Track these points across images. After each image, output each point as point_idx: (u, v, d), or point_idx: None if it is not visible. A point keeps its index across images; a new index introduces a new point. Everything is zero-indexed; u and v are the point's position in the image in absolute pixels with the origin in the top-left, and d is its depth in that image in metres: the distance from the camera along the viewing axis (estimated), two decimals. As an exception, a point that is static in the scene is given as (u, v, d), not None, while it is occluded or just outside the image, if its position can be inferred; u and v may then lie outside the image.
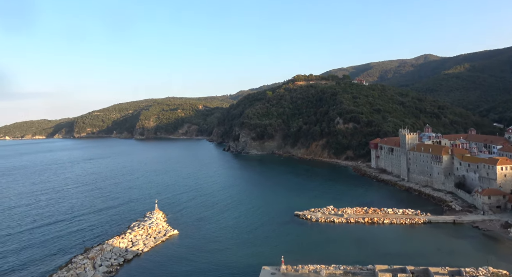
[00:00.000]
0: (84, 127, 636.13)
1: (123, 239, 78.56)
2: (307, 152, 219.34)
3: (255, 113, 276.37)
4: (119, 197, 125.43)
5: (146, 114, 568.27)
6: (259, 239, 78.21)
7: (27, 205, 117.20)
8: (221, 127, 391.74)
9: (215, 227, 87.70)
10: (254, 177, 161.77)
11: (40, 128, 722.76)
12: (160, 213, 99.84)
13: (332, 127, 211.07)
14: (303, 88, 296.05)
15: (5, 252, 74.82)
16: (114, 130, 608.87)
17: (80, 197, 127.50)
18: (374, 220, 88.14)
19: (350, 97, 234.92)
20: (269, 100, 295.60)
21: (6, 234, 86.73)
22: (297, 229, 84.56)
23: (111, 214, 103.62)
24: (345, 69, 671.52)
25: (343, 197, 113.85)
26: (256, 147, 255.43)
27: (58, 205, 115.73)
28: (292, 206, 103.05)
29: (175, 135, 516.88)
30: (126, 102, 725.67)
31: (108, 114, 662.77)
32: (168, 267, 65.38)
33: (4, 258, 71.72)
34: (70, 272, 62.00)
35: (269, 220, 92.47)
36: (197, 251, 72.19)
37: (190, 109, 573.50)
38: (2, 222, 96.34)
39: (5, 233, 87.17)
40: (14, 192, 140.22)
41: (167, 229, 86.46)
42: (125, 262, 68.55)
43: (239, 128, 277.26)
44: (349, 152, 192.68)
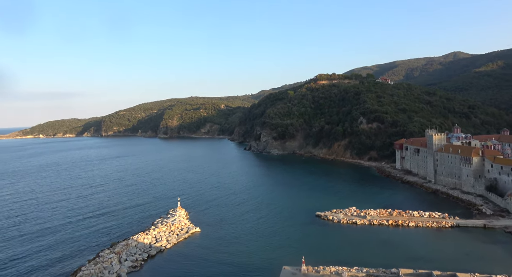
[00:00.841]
0: (111, 126, 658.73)
1: (147, 235, 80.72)
2: (329, 152, 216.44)
3: (276, 113, 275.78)
4: (143, 194, 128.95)
5: (169, 114, 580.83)
6: (279, 239, 78.05)
7: (60, 200, 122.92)
8: (242, 126, 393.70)
9: (236, 226, 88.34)
10: (275, 177, 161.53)
11: (71, 126, 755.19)
12: (182, 211, 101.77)
13: (355, 127, 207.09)
14: (325, 87, 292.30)
15: (40, 245, 78.93)
16: (139, 129, 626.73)
17: (108, 193, 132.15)
18: (398, 222, 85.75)
19: (374, 97, 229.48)
20: (291, 99, 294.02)
21: (40, 228, 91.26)
22: (318, 230, 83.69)
23: (136, 210, 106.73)
24: (369, 67, 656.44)
25: (366, 198, 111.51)
26: (277, 147, 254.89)
27: (88, 201, 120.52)
28: (313, 206, 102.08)
29: (198, 134, 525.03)
30: (150, 102, 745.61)
31: (134, 114, 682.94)
32: (190, 264, 66.54)
33: (38, 251, 75.68)
34: (98, 266, 64.39)
35: (290, 220, 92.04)
36: (218, 249, 73.02)
37: (212, 108, 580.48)
38: (37, 217, 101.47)
39: (39, 227, 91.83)
40: (47, 188, 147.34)
41: (189, 226, 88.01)
42: (149, 258, 70.42)
43: (260, 127, 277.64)
44: (372, 152, 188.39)
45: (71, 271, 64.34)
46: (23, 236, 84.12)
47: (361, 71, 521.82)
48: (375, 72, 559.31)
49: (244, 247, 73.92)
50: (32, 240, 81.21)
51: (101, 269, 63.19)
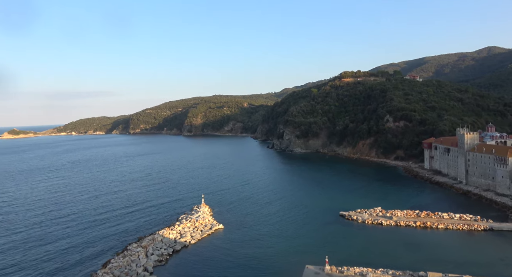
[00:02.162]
0: (138, 123, 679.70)
1: (172, 230, 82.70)
2: (354, 151, 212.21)
3: (299, 111, 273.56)
4: (169, 191, 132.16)
5: (194, 112, 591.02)
6: (303, 238, 77.57)
7: (91, 196, 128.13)
8: (265, 124, 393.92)
9: (259, 224, 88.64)
10: (298, 175, 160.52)
11: (100, 124, 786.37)
12: (206, 207, 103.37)
13: (381, 126, 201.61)
14: (350, 85, 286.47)
15: (73, 237, 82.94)
16: (165, 127, 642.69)
17: (135, 189, 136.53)
18: (427, 224, 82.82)
19: (402, 94, 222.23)
20: (314, 97, 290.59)
21: (73, 222, 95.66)
22: (342, 230, 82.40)
23: (161, 206, 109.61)
24: (396, 64, 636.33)
25: (392, 198, 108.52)
26: (300, 145, 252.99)
27: (117, 196, 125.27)
28: (337, 206, 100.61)
29: (221, 132, 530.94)
30: (175, 100, 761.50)
31: (160, 112, 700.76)
32: (213, 260, 67.51)
33: (72, 243, 79.43)
34: (126, 259, 66.78)
35: (314, 219, 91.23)
36: (241, 246, 73.62)
37: (236, 106, 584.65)
38: (71, 211, 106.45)
39: (72, 221, 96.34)
40: (80, 183, 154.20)
41: (212, 223, 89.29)
42: (174, 253, 72.15)
43: (283, 126, 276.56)
44: (399, 151, 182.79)
45: (101, 263, 67.08)
46: (57, 229, 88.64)
47: (387, 68, 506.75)
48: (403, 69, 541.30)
49: (267, 245, 74.07)
50: (66, 233, 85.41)
51: (129, 262, 65.48)
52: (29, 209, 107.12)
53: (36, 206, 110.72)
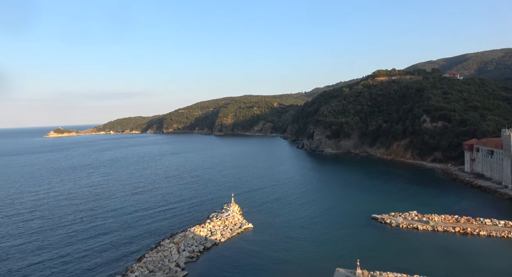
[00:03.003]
0: (171, 123, 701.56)
1: (203, 228, 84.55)
2: (387, 152, 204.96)
3: (330, 111, 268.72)
4: (200, 189, 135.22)
5: (224, 112, 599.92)
6: (333, 240, 76.21)
7: (127, 193, 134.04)
8: (295, 124, 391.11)
9: (288, 224, 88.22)
10: (329, 176, 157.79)
11: (136, 124, 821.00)
12: (236, 206, 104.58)
13: (417, 126, 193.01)
14: (384, 84, 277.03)
15: (110, 232, 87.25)
16: (196, 126, 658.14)
17: (168, 187, 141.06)
18: (467, 230, 78.22)
19: (440, 93, 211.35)
20: (346, 97, 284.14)
21: (111, 217, 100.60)
22: (375, 233, 79.95)
23: (193, 204, 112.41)
24: (435, 62, 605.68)
25: (429, 202, 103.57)
26: (331, 146, 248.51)
27: (151, 194, 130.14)
28: (369, 208, 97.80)
29: (251, 132, 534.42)
30: (207, 101, 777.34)
31: (192, 112, 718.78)
32: (243, 259, 68.16)
33: (109, 237, 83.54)
34: (159, 254, 69.29)
35: (345, 221, 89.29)
36: (270, 247, 73.68)
37: (266, 106, 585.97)
38: (110, 207, 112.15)
39: (111, 216, 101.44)
40: (117, 180, 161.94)
41: (242, 222, 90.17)
42: (205, 250, 73.72)
43: (313, 126, 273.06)
44: (437, 153, 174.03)
45: (136, 257, 70.07)
46: (97, 224, 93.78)
47: (425, 66, 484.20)
48: (442, 66, 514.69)
49: (297, 245, 73.57)
50: (104, 228, 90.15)
51: (162, 257, 67.86)
52: (72, 204, 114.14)
53: (78, 202, 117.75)
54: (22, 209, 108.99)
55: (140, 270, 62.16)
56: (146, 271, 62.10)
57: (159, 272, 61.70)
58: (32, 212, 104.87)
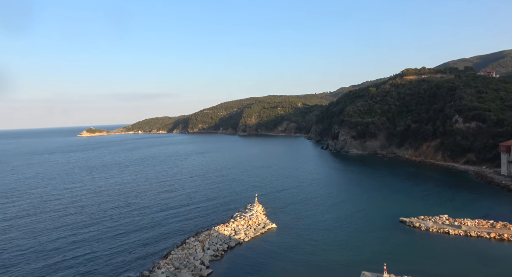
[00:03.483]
0: (196, 123, 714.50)
1: (227, 227, 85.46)
2: (416, 153, 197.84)
3: (356, 111, 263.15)
4: (224, 188, 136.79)
5: (248, 112, 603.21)
6: (358, 244, 74.60)
7: (154, 192, 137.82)
8: (319, 124, 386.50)
9: (313, 226, 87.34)
10: (354, 178, 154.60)
11: (163, 124, 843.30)
12: (259, 206, 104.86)
13: (448, 126, 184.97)
14: (413, 83, 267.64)
15: (138, 229, 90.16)
16: (221, 127, 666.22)
17: (193, 186, 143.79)
18: (503, 236, 74.02)
19: (474, 92, 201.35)
20: (372, 96, 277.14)
21: (139, 215, 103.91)
22: (403, 237, 77.49)
23: (217, 203, 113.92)
24: (468, 59, 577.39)
25: (461, 206, 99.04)
26: (356, 146, 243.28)
27: (177, 192, 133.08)
28: (397, 211, 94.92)
29: (275, 132, 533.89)
30: (231, 101, 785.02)
31: (216, 112, 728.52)
32: (266, 259, 68.23)
33: (137, 234, 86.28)
34: (184, 251, 70.81)
35: (371, 224, 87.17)
36: (294, 247, 73.27)
37: (289, 106, 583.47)
38: (138, 205, 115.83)
39: (139, 214, 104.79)
40: (145, 179, 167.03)
41: (265, 222, 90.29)
42: (229, 249, 74.50)
43: (338, 126, 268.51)
44: (470, 155, 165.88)
45: (162, 254, 72.05)
46: (126, 221, 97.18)
47: (457, 64, 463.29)
48: (476, 64, 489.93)
49: (321, 247, 72.68)
50: (133, 225, 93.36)
51: (187, 255, 69.30)
52: (103, 202, 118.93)
53: (108, 200, 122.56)
54: (58, 206, 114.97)
55: (166, 267, 63.82)
56: (172, 268, 63.67)
57: (184, 269, 63.07)
58: (67, 208, 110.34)
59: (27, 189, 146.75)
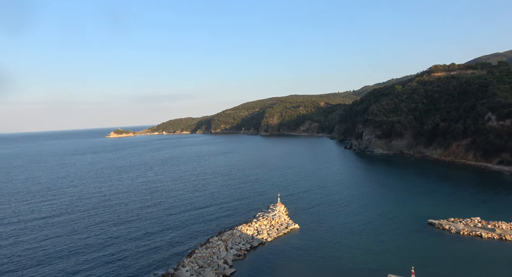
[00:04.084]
0: (219, 124, 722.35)
1: (250, 227, 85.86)
2: (445, 153, 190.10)
3: (381, 109, 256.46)
4: (246, 188, 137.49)
5: (270, 112, 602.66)
6: (385, 245, 72.76)
7: (179, 191, 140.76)
8: (342, 124, 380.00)
9: (337, 227, 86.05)
10: (380, 178, 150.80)
11: (186, 124, 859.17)
12: (282, 207, 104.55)
13: (480, 125, 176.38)
14: (441, 79, 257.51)
15: (162, 228, 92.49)
16: (243, 127, 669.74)
17: (217, 186, 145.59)
18: (541, 241, 69.75)
19: (508, 88, 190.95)
20: (398, 94, 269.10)
21: (164, 214, 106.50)
22: (431, 240, 74.75)
23: (240, 203, 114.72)
24: (502, 54, 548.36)
25: (495, 208, 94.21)
26: (381, 146, 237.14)
27: (200, 192, 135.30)
28: (425, 213, 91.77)
29: (297, 132, 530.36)
30: (253, 101, 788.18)
31: (238, 112, 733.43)
32: (289, 261, 67.96)
33: (162, 233, 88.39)
34: (208, 250, 71.84)
35: (397, 226, 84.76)
36: (318, 248, 72.53)
37: (312, 106, 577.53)
38: (163, 205, 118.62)
39: (163, 213, 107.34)
40: (170, 179, 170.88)
41: (288, 222, 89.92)
42: (251, 249, 74.85)
43: (362, 125, 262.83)
44: (505, 155, 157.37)
45: (187, 253, 73.45)
46: (152, 220, 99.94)
47: (490, 59, 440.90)
48: (510, 59, 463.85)
49: (345, 249, 71.50)
50: (159, 223, 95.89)
51: (211, 254, 70.27)
52: (130, 202, 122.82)
53: (135, 199, 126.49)
54: (88, 205, 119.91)
55: (190, 265, 65.02)
56: (196, 267, 64.78)
57: (208, 268, 64.00)
58: (97, 208, 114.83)
59: (60, 188, 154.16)
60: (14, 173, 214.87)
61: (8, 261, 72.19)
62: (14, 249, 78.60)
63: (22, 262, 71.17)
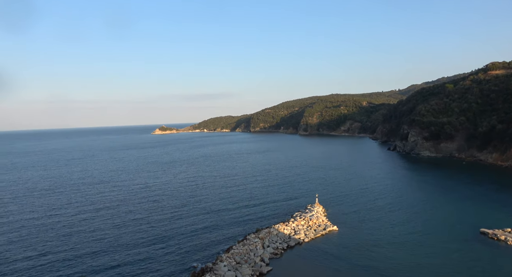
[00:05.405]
0: (258, 122, 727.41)
1: (287, 226, 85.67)
2: (503, 157, 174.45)
3: (429, 110, 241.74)
4: (284, 188, 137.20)
5: (310, 111, 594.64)
6: (430, 253, 68.71)
7: (219, 188, 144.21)
8: (386, 124, 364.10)
9: (378, 232, 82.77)
10: (427, 182, 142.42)
11: (226, 122, 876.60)
12: (320, 207, 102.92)
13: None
14: (499, 78, 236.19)
15: (202, 224, 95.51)
16: (282, 126, 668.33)
17: (255, 184, 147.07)
18: None
19: None
20: (449, 94, 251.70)
21: (204, 210, 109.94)
22: (484, 251, 69.18)
23: (277, 201, 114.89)
24: None
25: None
26: (428, 148, 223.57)
27: (239, 189, 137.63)
28: (477, 221, 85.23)
29: (337, 132, 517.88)
30: (292, 100, 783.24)
31: (277, 111, 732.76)
32: (325, 263, 66.70)
33: (201, 229, 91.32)
34: (245, 247, 72.94)
35: (446, 234, 79.50)
36: (357, 253, 70.30)
37: (353, 105, 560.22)
38: (205, 201, 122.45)
39: (203, 209, 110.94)
40: (210, 176, 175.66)
41: (326, 224, 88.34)
42: (288, 248, 74.71)
43: (408, 126, 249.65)
44: None
45: (225, 248, 75.19)
46: (193, 214, 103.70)
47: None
48: None
49: (386, 255, 68.54)
50: (199, 219, 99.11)
51: (248, 251, 71.27)
52: (173, 197, 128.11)
53: (178, 195, 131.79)
54: (136, 199, 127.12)
55: (228, 260, 66.49)
56: (234, 262, 66.09)
57: (245, 265, 65.01)
58: (142, 202, 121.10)
59: (110, 181, 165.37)
60: (71, 165, 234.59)
61: (65, 248, 79.08)
62: (71, 239, 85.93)
63: (75, 249, 77.64)
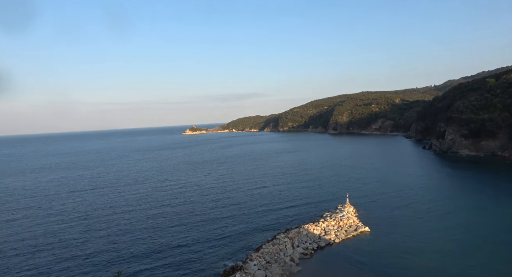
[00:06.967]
0: (286, 122, 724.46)
1: (317, 226, 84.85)
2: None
3: (468, 106, 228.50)
4: (314, 187, 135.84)
5: (339, 110, 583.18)
6: (470, 259, 65.16)
7: (249, 187, 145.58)
8: (421, 122, 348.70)
9: (413, 234, 79.63)
10: (467, 183, 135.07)
11: (255, 122, 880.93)
12: (351, 208, 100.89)
13: None
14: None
15: (232, 223, 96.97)
16: (310, 125, 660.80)
17: (284, 184, 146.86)
18: None
19: None
20: (491, 89, 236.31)
21: (234, 210, 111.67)
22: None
23: (307, 201, 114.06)
24: None
25: None
26: (468, 147, 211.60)
27: (269, 189, 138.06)
28: (523, 225, 79.58)
29: (368, 131, 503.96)
30: (321, 99, 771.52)
31: (306, 110, 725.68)
32: (357, 264, 65.36)
33: (231, 228, 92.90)
34: (275, 247, 73.21)
35: (488, 239, 74.85)
36: (390, 256, 68.22)
37: (385, 103, 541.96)
38: (235, 200, 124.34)
39: (233, 209, 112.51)
40: (240, 175, 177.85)
41: (358, 224, 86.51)
42: (318, 248, 74.04)
43: (445, 123, 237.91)
44: None
45: (255, 247, 75.96)
46: (224, 213, 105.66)
47: None
48: None
49: (421, 261, 65.57)
50: (229, 217, 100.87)
51: (278, 250, 71.49)
52: (204, 195, 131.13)
53: (208, 193, 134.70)
54: (168, 197, 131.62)
55: (258, 260, 67.09)
56: (263, 261, 66.59)
57: (275, 264, 65.31)
58: (174, 199, 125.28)
59: (143, 180, 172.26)
60: (108, 164, 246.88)
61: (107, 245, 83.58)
62: (106, 236, 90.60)
63: (113, 244, 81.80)
